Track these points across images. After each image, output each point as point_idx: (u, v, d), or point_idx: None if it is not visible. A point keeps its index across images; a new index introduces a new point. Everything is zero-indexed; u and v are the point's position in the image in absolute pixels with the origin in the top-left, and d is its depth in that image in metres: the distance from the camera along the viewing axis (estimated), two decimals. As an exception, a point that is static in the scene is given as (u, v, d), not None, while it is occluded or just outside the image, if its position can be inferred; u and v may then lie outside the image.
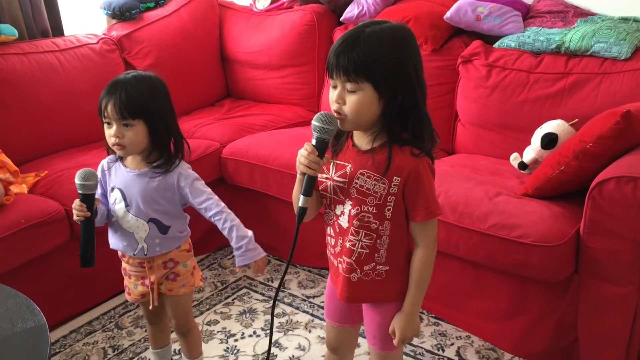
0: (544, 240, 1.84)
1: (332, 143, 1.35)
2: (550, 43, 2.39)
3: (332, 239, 1.44)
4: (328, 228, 1.45)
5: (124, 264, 1.78)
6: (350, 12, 2.92)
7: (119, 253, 1.78)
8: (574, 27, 2.40)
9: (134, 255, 1.71)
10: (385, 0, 2.85)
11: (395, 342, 1.42)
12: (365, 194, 1.33)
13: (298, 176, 1.36)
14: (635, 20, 2.35)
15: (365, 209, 1.34)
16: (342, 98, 1.28)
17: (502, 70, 2.45)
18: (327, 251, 1.48)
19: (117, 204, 1.69)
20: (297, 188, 1.38)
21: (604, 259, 1.81)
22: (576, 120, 2.20)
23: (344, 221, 1.38)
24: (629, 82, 2.19)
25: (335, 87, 1.29)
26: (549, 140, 2.18)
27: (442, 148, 2.71)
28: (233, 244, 1.66)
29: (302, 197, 1.33)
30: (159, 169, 1.65)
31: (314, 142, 1.31)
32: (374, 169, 1.31)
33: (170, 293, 1.77)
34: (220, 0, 3.43)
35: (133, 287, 1.78)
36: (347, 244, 1.38)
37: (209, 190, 1.70)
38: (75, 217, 1.62)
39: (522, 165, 2.29)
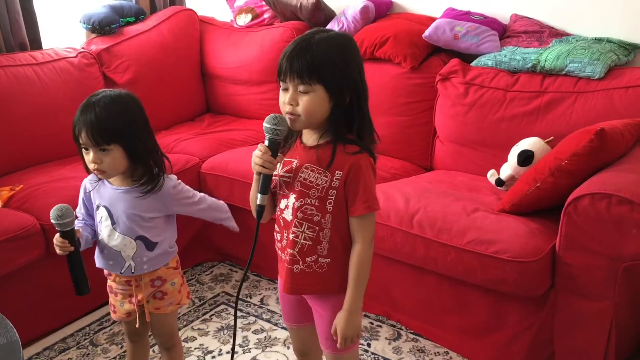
0: (521, 255, 1.86)
1: (281, 144, 1.43)
2: (526, 62, 2.43)
3: (278, 234, 1.50)
4: (275, 224, 1.51)
5: (109, 282, 1.75)
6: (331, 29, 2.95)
7: (105, 271, 1.74)
8: (549, 47, 2.45)
9: (121, 273, 1.69)
10: (365, 18, 2.89)
11: (338, 343, 1.45)
12: (309, 186, 1.40)
13: (255, 176, 1.43)
14: (609, 41, 2.40)
15: (308, 201, 1.41)
16: (294, 100, 1.35)
17: (480, 88, 2.49)
18: (276, 246, 1.53)
19: (103, 222, 1.66)
20: (254, 188, 1.46)
21: (580, 274, 1.84)
22: (551, 138, 2.24)
23: (288, 214, 1.44)
24: (602, 101, 2.24)
25: (286, 90, 1.36)
26: (525, 157, 2.21)
27: (420, 164, 2.73)
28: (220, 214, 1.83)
29: (259, 195, 1.42)
30: (144, 186, 1.63)
31: (266, 142, 1.39)
32: (317, 163, 1.39)
33: (157, 312, 1.74)
34: (201, 16, 3.44)
35: (119, 305, 1.75)
36: (291, 236, 1.44)
37: (197, 200, 1.76)
38: (58, 252, 1.59)
39: (499, 182, 2.32)
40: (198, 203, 1.75)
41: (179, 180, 1.72)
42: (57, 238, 1.58)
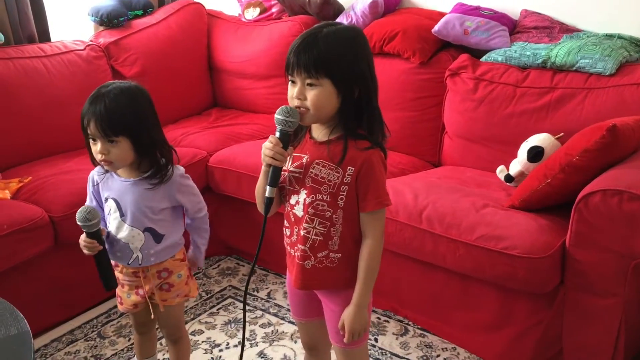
0: (530, 252, 1.85)
1: (292, 136, 1.41)
2: (536, 58, 2.42)
3: (288, 230, 1.49)
4: (284, 219, 1.50)
5: (117, 273, 1.75)
6: (339, 23, 2.94)
7: (112, 262, 1.75)
8: (559, 43, 2.44)
9: (129, 264, 1.69)
10: (374, 13, 2.88)
11: (345, 337, 1.45)
12: (320, 182, 1.39)
13: (263, 168, 1.42)
14: (620, 37, 2.39)
15: (320, 197, 1.39)
16: (302, 94, 1.35)
17: (489, 84, 2.48)
18: (284, 242, 1.52)
19: (111, 214, 1.66)
20: (261, 180, 1.44)
21: (589, 271, 1.83)
22: (562, 134, 2.22)
23: (298, 210, 1.43)
24: (613, 97, 2.22)
25: (294, 83, 1.35)
26: (535, 153, 2.20)
27: (429, 160, 2.72)
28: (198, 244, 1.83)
29: (268, 187, 1.40)
30: (152, 179, 1.63)
31: (277, 134, 1.38)
32: (329, 159, 1.38)
33: (164, 303, 1.74)
34: (209, 9, 3.44)
35: (126, 296, 1.76)
36: (302, 232, 1.43)
37: (200, 201, 1.76)
38: (86, 252, 1.60)
39: (509, 178, 2.31)
40: (199, 204, 1.75)
41: (187, 174, 1.72)
42: (84, 239, 1.58)
